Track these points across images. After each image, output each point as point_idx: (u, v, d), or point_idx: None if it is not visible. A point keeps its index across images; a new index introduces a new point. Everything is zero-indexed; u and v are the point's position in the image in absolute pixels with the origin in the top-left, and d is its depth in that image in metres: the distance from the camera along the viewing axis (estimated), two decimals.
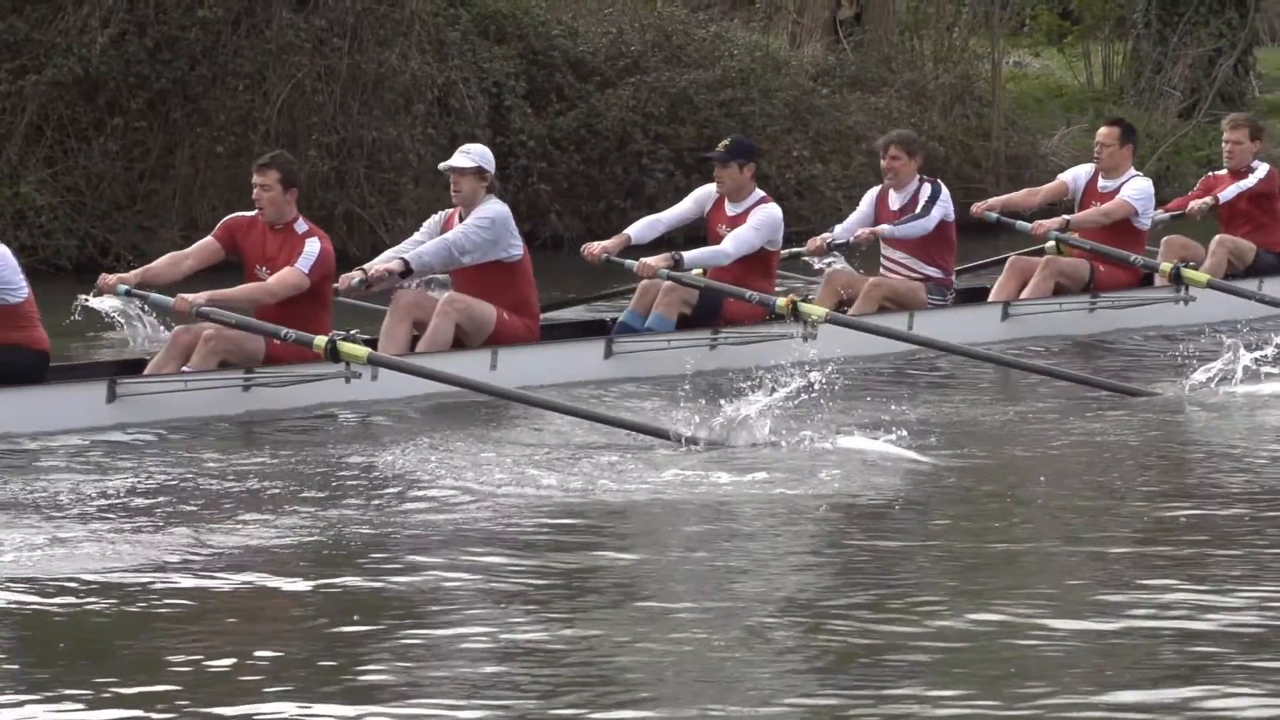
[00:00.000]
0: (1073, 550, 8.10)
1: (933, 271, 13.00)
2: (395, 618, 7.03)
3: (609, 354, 11.50)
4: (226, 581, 7.44)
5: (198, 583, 7.41)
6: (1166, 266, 13.46)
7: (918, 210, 12.94)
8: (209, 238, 11.03)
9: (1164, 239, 14.03)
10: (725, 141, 12.52)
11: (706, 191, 12.47)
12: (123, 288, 10.42)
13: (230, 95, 18.31)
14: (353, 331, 10.45)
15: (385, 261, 11.26)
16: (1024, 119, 23.59)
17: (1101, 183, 13.73)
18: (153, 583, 7.37)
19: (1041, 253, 13.82)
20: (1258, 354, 11.33)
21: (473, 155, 11.45)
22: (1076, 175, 14.02)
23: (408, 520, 8.45)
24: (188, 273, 10.86)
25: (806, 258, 13.08)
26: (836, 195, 20.95)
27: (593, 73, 20.66)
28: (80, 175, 18.07)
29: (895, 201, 13.08)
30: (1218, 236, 14.20)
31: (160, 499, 8.80)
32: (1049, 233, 13.38)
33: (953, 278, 13.15)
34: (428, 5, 19.42)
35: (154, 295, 10.43)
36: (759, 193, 12.39)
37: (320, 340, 10.25)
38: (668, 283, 11.89)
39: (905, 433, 9.78)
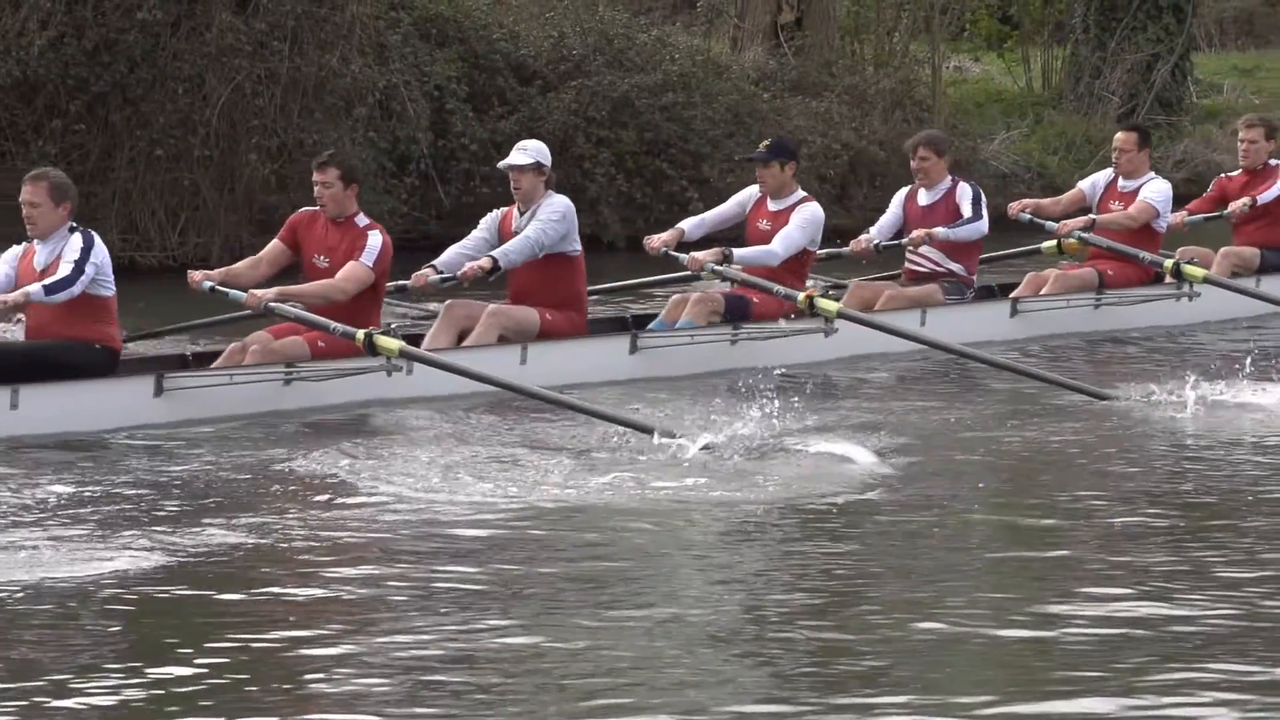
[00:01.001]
0: (1015, 556, 8.12)
1: (956, 268, 13.30)
2: (337, 625, 7.01)
3: (634, 349, 11.81)
4: (177, 586, 7.42)
5: (144, 588, 7.37)
6: (1169, 263, 13.78)
7: (967, 213, 13.18)
8: (275, 240, 11.34)
9: (1179, 249, 14.34)
10: (766, 142, 12.98)
11: (749, 192, 12.82)
12: (207, 284, 10.86)
13: (170, 98, 18.21)
14: (392, 326, 10.87)
15: (472, 259, 11.54)
16: (964, 123, 23.66)
17: (1121, 184, 14.13)
18: (87, 589, 7.34)
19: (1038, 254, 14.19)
20: (1229, 360, 11.51)
21: (529, 151, 11.77)
22: (1095, 181, 14.38)
23: (376, 523, 8.49)
24: (265, 276, 11.16)
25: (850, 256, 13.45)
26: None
27: (534, 76, 20.64)
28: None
29: (925, 199, 13.35)
30: (1223, 249, 14.48)
31: (122, 505, 8.79)
32: (1073, 231, 13.68)
33: (974, 277, 13.43)
34: (368, 9, 19.36)
35: (232, 292, 10.83)
36: (800, 191, 12.70)
37: (360, 334, 10.55)
38: (697, 294, 12.26)
39: (873, 436, 9.87)
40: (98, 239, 10.50)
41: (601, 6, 22.13)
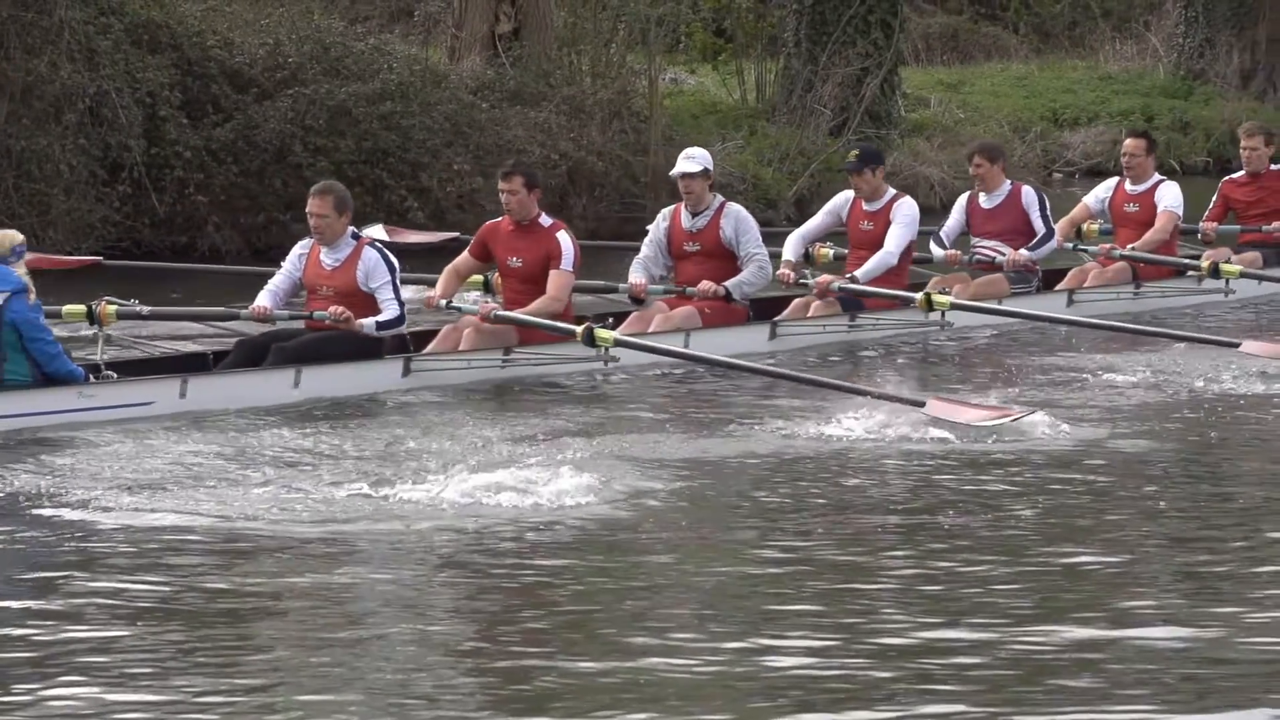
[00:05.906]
0: (732, 578, 8.09)
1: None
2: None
3: (773, 336, 13.45)
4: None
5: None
6: (1206, 263, 14.99)
7: (1039, 228, 14.42)
8: (465, 254, 12.77)
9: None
10: (854, 151, 14.26)
11: (841, 199, 14.18)
12: (443, 301, 12.43)
13: None
14: (609, 320, 12.42)
15: (648, 270, 13.23)
16: (681, 135, 23.87)
17: (1130, 187, 15.32)
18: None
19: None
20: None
21: (697, 159, 13.22)
22: (1096, 194, 15.52)
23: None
24: (457, 288, 12.71)
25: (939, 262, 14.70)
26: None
27: (250, 84, 20.40)
28: None
29: (986, 202, 14.69)
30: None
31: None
32: (1113, 250, 14.95)
33: (1038, 268, 14.62)
34: (77, 13, 18.97)
35: (465, 305, 12.51)
36: (891, 190, 14.06)
37: (580, 329, 11.91)
38: (819, 302, 13.71)
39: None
40: (392, 258, 11.77)
41: (317, 15, 21.94)
